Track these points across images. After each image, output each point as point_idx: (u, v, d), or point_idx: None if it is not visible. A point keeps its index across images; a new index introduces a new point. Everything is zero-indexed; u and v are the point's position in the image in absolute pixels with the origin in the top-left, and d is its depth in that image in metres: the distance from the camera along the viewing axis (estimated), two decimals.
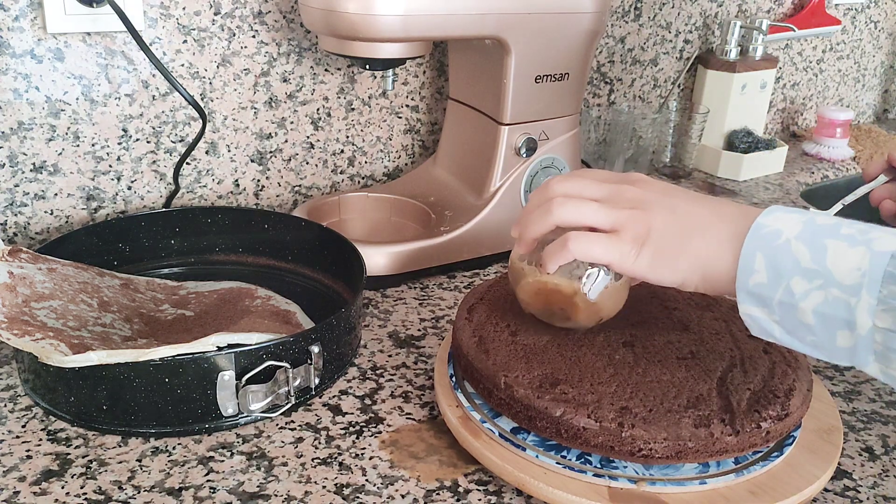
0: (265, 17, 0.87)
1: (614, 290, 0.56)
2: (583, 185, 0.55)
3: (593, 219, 0.53)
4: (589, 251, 0.52)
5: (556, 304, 0.56)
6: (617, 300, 0.57)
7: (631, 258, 0.51)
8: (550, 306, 0.57)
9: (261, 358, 0.58)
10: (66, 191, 0.82)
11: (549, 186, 0.56)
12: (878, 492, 0.56)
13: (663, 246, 0.51)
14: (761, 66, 1.24)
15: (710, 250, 0.50)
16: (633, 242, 0.51)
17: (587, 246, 0.52)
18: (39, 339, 0.56)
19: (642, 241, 0.51)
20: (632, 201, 0.53)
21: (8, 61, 0.75)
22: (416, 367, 0.68)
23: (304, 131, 0.94)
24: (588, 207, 0.53)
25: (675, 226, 0.51)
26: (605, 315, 0.58)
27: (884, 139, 1.47)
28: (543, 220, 0.54)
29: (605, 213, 0.52)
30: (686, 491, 0.51)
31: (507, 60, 0.82)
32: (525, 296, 0.58)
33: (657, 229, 0.51)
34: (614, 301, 0.57)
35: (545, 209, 0.54)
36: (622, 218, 0.52)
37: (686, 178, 1.21)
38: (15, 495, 0.52)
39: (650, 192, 0.53)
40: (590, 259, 0.53)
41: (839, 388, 0.68)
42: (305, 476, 0.55)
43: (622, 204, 0.53)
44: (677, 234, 0.51)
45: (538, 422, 0.53)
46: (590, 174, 0.56)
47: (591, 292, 0.55)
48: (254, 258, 0.83)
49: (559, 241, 0.53)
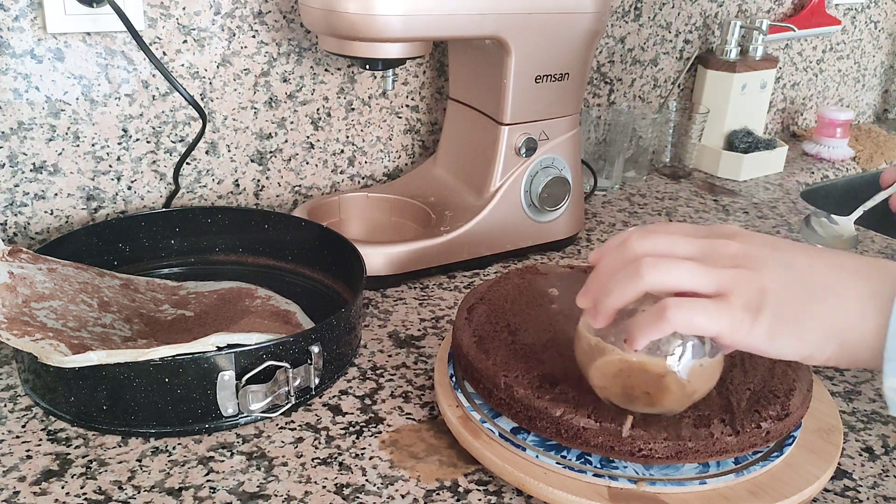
0: (265, 17, 0.87)
1: (709, 367, 0.48)
2: (671, 242, 0.46)
3: (692, 282, 0.44)
4: (692, 321, 0.43)
5: (639, 387, 0.48)
6: (709, 379, 0.49)
7: (745, 328, 0.43)
8: (633, 389, 0.49)
9: (261, 358, 0.58)
10: (66, 191, 0.82)
11: (628, 245, 0.46)
12: (878, 492, 0.56)
13: (784, 311, 0.43)
14: (761, 66, 1.24)
15: (846, 315, 0.42)
16: (746, 308, 0.43)
17: (690, 315, 0.43)
18: (39, 340, 0.56)
19: (756, 306, 0.43)
20: (735, 258, 0.45)
21: (8, 61, 0.75)
22: (416, 367, 0.68)
23: (304, 131, 0.94)
24: (685, 268, 0.44)
25: (796, 286, 0.44)
26: (697, 398, 0.50)
27: (884, 139, 1.47)
28: (630, 285, 0.45)
29: (705, 274, 0.44)
30: (686, 491, 0.51)
31: (507, 60, 0.82)
32: (601, 378, 0.49)
33: (773, 291, 0.43)
34: (708, 381, 0.49)
35: (632, 273, 0.45)
36: (728, 279, 0.44)
37: (686, 178, 1.21)
38: (15, 495, 0.52)
39: (754, 246, 0.45)
40: (694, 331, 0.45)
41: (839, 388, 0.68)
42: (305, 476, 0.55)
43: (724, 262, 0.45)
44: (800, 296, 0.43)
45: (538, 422, 0.53)
46: (674, 228, 0.48)
47: (681, 370, 0.47)
48: (254, 258, 0.83)
49: (654, 310, 0.44)
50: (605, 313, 0.47)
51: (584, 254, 0.93)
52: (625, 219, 1.04)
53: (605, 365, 0.48)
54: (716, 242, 0.46)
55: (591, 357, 0.49)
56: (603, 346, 0.48)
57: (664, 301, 0.44)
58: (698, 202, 1.12)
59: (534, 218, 0.89)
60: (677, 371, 0.47)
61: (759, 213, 1.10)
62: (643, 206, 1.09)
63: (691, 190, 1.17)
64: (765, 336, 0.43)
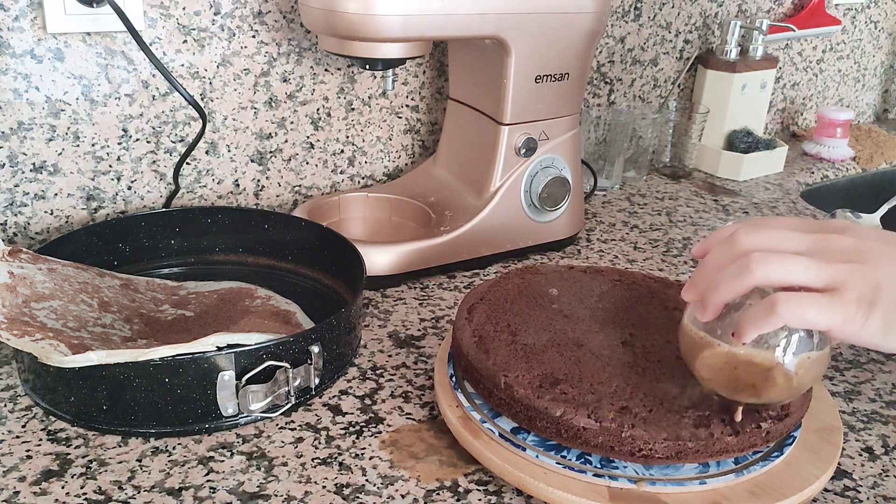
0: (265, 17, 0.87)
1: (817, 359, 0.48)
2: (781, 237, 0.47)
3: (804, 276, 0.44)
4: (804, 316, 0.44)
5: (746, 379, 0.49)
6: (817, 372, 0.49)
7: (858, 322, 0.44)
8: (739, 381, 0.49)
9: (261, 358, 0.58)
10: (66, 191, 0.82)
11: (736, 240, 0.47)
12: (878, 492, 0.56)
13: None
14: (761, 66, 1.24)
15: None
16: (860, 303, 0.44)
17: (802, 309, 0.44)
18: (39, 340, 0.56)
19: (870, 300, 0.44)
20: (847, 253, 0.45)
21: (8, 61, 0.75)
22: (416, 367, 0.68)
23: (304, 131, 0.94)
24: (796, 263, 0.45)
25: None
26: (803, 390, 0.50)
27: (884, 139, 1.47)
28: (740, 280, 0.45)
29: (817, 268, 0.44)
30: (686, 491, 0.51)
31: (507, 60, 0.82)
32: (707, 371, 0.50)
33: (888, 286, 0.44)
34: (815, 373, 0.49)
35: (742, 267, 0.45)
36: (841, 274, 0.44)
37: (686, 178, 1.21)
38: (15, 495, 0.52)
39: (866, 241, 0.45)
40: (806, 325, 0.45)
41: (839, 388, 0.68)
42: (305, 476, 0.55)
43: (836, 257, 0.45)
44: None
45: (538, 422, 0.53)
46: (784, 223, 0.48)
47: (789, 363, 0.47)
48: (254, 258, 0.83)
49: (764, 304, 0.45)
50: (713, 307, 0.47)
51: (584, 254, 0.93)
52: (625, 219, 1.04)
53: (712, 357, 0.49)
54: (826, 237, 0.46)
55: (696, 350, 0.50)
56: (709, 340, 0.49)
57: (775, 295, 0.44)
58: (698, 202, 1.12)
59: (534, 218, 0.89)
60: (784, 364, 0.47)
61: (759, 213, 1.10)
62: (643, 206, 1.09)
63: (691, 190, 1.17)
64: (879, 331, 0.44)
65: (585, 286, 0.67)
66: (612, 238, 0.98)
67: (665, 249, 0.95)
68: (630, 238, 0.98)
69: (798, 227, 0.48)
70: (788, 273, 0.45)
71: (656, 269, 0.90)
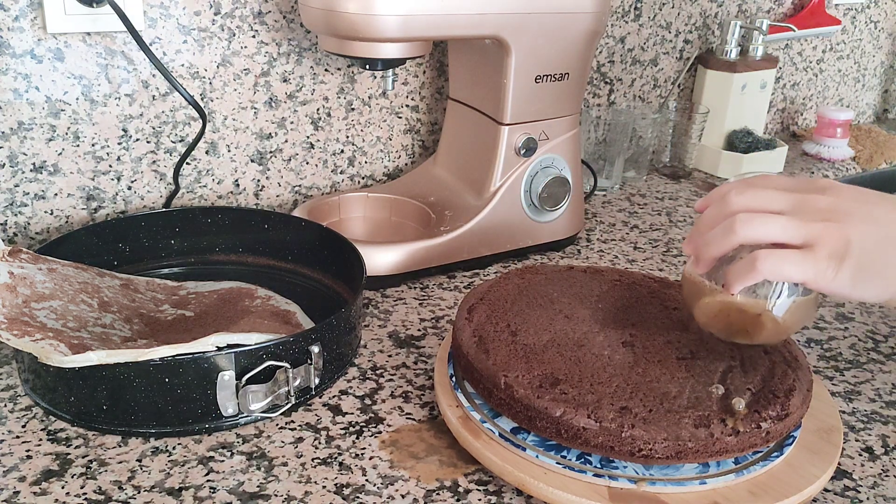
0: (265, 17, 0.87)
1: (802, 304, 0.53)
2: (767, 197, 0.51)
3: (782, 235, 0.49)
4: (780, 271, 0.49)
5: (738, 324, 0.54)
6: (804, 316, 0.54)
7: (829, 276, 0.48)
8: (733, 326, 0.55)
9: (261, 358, 0.58)
10: (66, 191, 0.82)
11: (727, 200, 0.51)
12: (878, 492, 0.56)
13: (867, 260, 0.47)
14: (761, 66, 1.24)
15: None
16: (830, 258, 0.48)
17: (778, 265, 0.48)
18: (39, 340, 0.56)
19: (841, 256, 0.47)
20: (823, 212, 0.49)
21: (8, 61, 0.75)
22: (416, 367, 0.68)
23: (304, 131, 0.94)
24: (776, 223, 0.49)
25: (879, 236, 0.48)
26: (791, 332, 0.55)
27: (884, 139, 1.47)
28: (726, 239, 0.50)
29: (794, 227, 0.49)
30: (686, 491, 0.51)
31: (507, 60, 0.82)
32: (704, 316, 0.55)
33: (857, 242, 0.47)
34: (801, 317, 0.54)
35: (728, 227, 0.50)
36: (815, 232, 0.48)
37: (686, 178, 1.21)
38: (15, 495, 0.52)
39: (843, 200, 0.49)
40: (782, 279, 0.50)
41: (839, 388, 0.68)
42: (305, 476, 0.55)
43: (813, 216, 0.49)
44: (883, 246, 0.47)
45: (538, 422, 0.53)
46: (771, 182, 0.52)
47: (776, 309, 0.52)
48: (254, 258, 0.83)
49: (746, 260, 0.49)
50: (704, 261, 0.53)
51: (584, 254, 0.93)
52: (625, 219, 1.04)
53: (708, 305, 0.55)
54: (807, 197, 0.50)
55: (696, 295, 0.56)
56: (707, 286, 0.54)
57: (755, 253, 0.49)
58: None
59: (534, 218, 0.89)
60: (772, 310, 0.52)
61: None
62: (643, 206, 1.09)
63: (691, 190, 1.17)
64: (848, 283, 0.48)
65: (585, 286, 0.67)
66: (612, 238, 0.98)
67: (665, 249, 0.95)
68: (630, 238, 0.98)
69: (785, 186, 0.52)
70: (769, 232, 0.49)
71: (656, 269, 0.90)
